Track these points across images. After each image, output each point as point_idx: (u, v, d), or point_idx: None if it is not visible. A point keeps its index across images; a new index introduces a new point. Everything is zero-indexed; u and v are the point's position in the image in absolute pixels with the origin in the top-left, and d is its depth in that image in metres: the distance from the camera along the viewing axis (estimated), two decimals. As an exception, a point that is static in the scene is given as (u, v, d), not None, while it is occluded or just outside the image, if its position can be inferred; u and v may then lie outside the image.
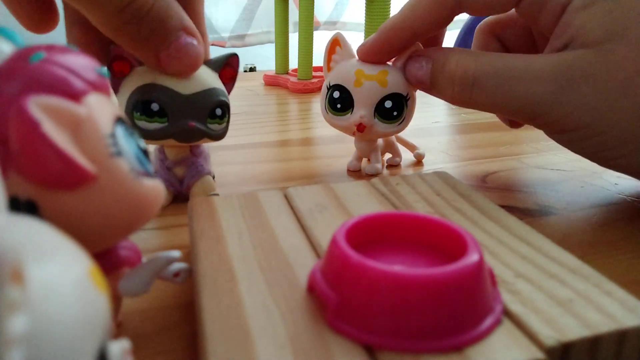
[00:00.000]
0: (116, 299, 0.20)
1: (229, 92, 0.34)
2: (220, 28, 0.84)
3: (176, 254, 0.20)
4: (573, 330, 0.18)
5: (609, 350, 0.18)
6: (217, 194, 0.34)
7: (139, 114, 0.30)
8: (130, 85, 0.31)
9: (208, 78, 0.32)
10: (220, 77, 0.33)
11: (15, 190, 0.15)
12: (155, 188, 0.18)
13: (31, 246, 0.11)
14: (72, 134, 0.16)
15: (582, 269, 0.21)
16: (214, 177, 0.35)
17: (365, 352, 0.17)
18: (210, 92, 0.31)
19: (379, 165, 0.40)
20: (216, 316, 0.19)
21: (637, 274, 0.27)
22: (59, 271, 0.11)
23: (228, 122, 0.34)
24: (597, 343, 0.18)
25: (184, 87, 0.30)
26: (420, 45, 0.36)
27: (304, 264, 0.22)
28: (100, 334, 0.11)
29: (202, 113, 0.31)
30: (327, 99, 0.38)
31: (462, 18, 0.85)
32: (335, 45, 0.39)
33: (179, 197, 0.34)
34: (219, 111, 0.32)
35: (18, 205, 0.16)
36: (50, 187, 0.15)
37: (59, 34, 0.31)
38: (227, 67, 0.34)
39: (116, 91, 0.32)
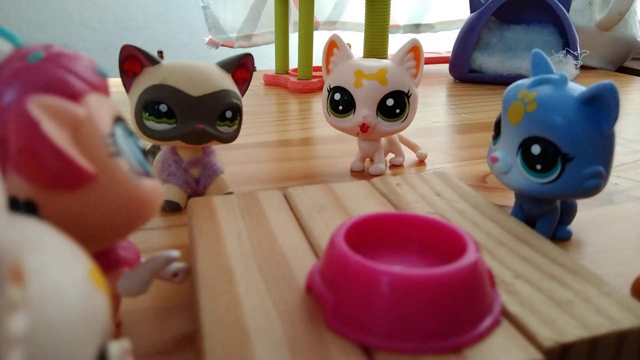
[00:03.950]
0: (115, 299, 0.20)
1: (242, 94, 0.33)
2: (228, 28, 0.84)
3: (175, 253, 0.20)
4: (572, 331, 0.18)
5: (608, 352, 0.18)
6: (232, 192, 0.34)
7: (147, 114, 0.30)
8: (141, 85, 0.30)
9: (219, 79, 0.31)
10: (233, 77, 0.33)
11: (15, 190, 0.15)
12: (155, 188, 0.18)
13: (31, 246, 0.11)
14: (72, 134, 0.16)
15: (582, 269, 0.21)
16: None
17: (363, 352, 0.17)
18: (220, 94, 0.31)
19: (382, 166, 0.40)
20: (214, 316, 0.19)
21: (636, 274, 0.26)
22: (59, 271, 0.11)
23: (239, 124, 0.33)
24: (596, 344, 0.18)
25: (194, 89, 0.30)
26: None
27: (303, 264, 0.22)
28: (100, 334, 0.11)
29: (211, 115, 0.31)
30: (328, 101, 0.38)
31: (462, 18, 0.85)
32: (333, 47, 0.38)
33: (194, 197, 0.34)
34: (229, 113, 0.31)
35: (17, 205, 0.16)
36: (49, 187, 0.15)
37: (59, 34, 0.31)
38: (241, 68, 0.33)
39: (128, 90, 0.32)
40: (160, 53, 1.10)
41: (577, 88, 0.26)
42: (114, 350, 0.13)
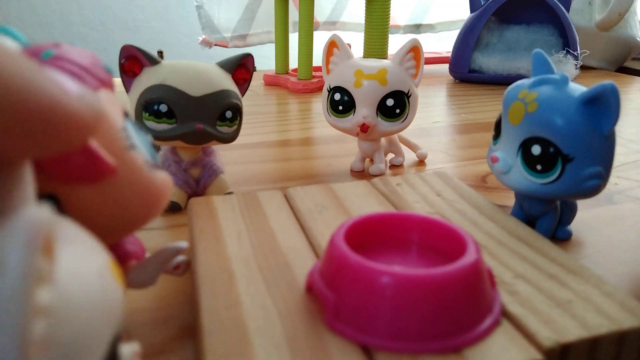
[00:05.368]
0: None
1: (242, 94, 0.33)
2: (222, 28, 0.84)
3: (184, 244, 0.20)
4: (572, 331, 0.18)
5: (608, 352, 0.18)
6: (232, 192, 0.34)
7: (147, 114, 0.30)
8: (141, 85, 0.30)
9: (219, 79, 0.31)
10: (233, 77, 0.33)
11: (36, 184, 0.16)
12: (166, 180, 0.18)
13: (61, 232, 0.11)
14: None
15: (582, 269, 0.21)
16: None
17: (363, 352, 0.17)
18: (220, 94, 0.31)
19: (382, 166, 0.40)
20: (214, 316, 0.19)
21: (637, 275, 0.27)
22: (84, 257, 0.11)
23: (239, 124, 0.33)
24: (596, 344, 0.18)
25: (194, 89, 0.30)
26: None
27: (303, 264, 0.22)
28: (114, 322, 0.12)
29: (211, 115, 0.31)
30: (328, 101, 0.38)
31: (462, 18, 0.86)
32: (333, 47, 0.38)
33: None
34: (229, 114, 0.31)
35: (39, 199, 0.16)
36: (73, 181, 0.16)
37: (59, 34, 0.31)
38: (241, 68, 0.33)
39: (128, 90, 0.31)
40: (160, 53, 1.10)
41: (577, 88, 0.26)
42: (126, 352, 0.13)
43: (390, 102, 0.36)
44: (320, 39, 0.57)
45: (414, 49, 0.37)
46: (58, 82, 0.11)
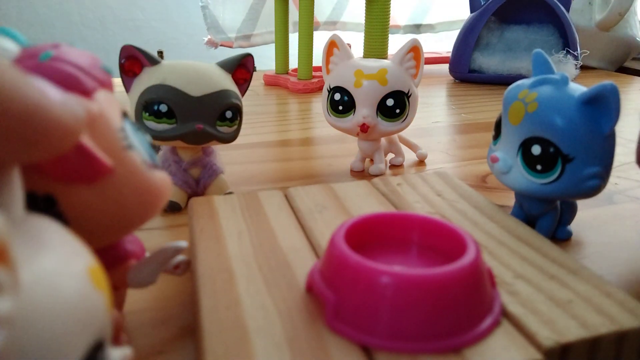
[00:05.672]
0: (123, 290, 0.21)
1: (242, 94, 0.33)
2: (227, 28, 0.84)
3: (183, 243, 0.20)
4: (572, 331, 0.18)
5: (608, 352, 0.18)
6: (232, 192, 0.34)
7: (147, 114, 0.30)
8: (141, 85, 0.30)
9: (219, 79, 0.31)
10: (233, 77, 0.33)
11: (32, 185, 0.16)
12: (164, 179, 0.18)
13: (31, 239, 0.11)
14: (88, 129, 0.16)
15: (582, 270, 0.21)
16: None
17: (363, 352, 0.17)
18: (220, 94, 0.31)
19: (382, 166, 0.40)
20: (214, 315, 0.19)
21: (637, 275, 0.27)
22: (56, 264, 0.11)
23: (239, 124, 0.33)
24: (596, 344, 0.18)
25: (194, 89, 0.30)
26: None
27: (303, 264, 0.22)
28: (92, 331, 0.11)
29: (212, 115, 0.31)
30: (328, 101, 0.38)
31: (462, 18, 0.86)
32: (333, 47, 0.39)
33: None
34: (229, 114, 0.31)
35: (36, 200, 0.16)
36: (70, 181, 0.16)
37: (59, 34, 0.31)
38: (241, 68, 0.33)
39: (128, 90, 0.31)
40: (160, 53, 1.10)
41: (577, 88, 0.26)
42: (116, 356, 0.13)
43: (390, 102, 0.36)
44: (320, 39, 0.57)
45: (414, 49, 0.37)
46: (40, 88, 0.11)
